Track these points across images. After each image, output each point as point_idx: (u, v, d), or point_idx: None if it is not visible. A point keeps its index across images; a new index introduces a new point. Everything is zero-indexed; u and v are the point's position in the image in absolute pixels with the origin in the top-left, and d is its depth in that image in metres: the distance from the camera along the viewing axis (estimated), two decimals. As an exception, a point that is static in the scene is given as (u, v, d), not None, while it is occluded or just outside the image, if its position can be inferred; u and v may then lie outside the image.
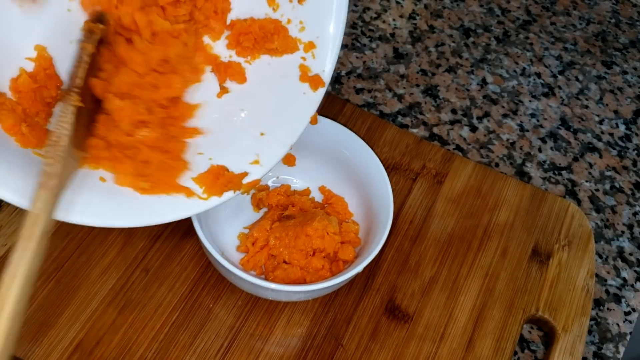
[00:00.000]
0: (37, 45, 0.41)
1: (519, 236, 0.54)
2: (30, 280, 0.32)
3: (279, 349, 0.46)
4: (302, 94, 0.43)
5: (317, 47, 0.43)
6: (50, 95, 0.41)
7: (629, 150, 0.64)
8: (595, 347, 0.51)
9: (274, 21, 0.44)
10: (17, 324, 0.32)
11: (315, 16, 0.43)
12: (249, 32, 0.44)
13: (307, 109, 0.44)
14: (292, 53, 0.44)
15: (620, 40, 0.74)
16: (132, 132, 0.39)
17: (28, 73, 0.40)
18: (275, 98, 0.44)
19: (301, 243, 0.46)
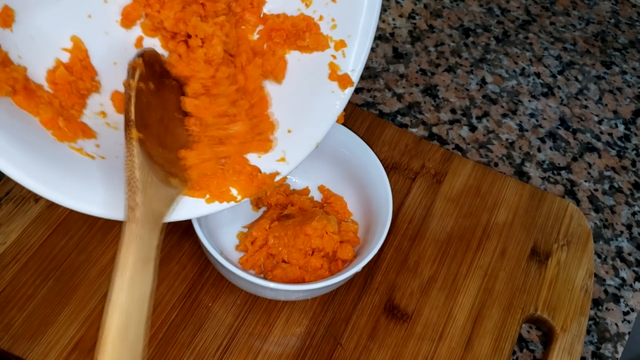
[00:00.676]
0: (73, 36, 0.40)
1: (518, 236, 0.54)
2: (136, 307, 0.32)
3: (278, 348, 0.46)
4: (330, 93, 0.43)
5: (348, 45, 0.43)
6: (85, 87, 0.40)
7: (628, 150, 0.64)
8: (593, 347, 0.51)
9: (306, 18, 0.43)
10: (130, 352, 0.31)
11: (347, 14, 0.43)
12: (281, 28, 0.43)
13: (334, 107, 0.43)
14: (323, 51, 0.44)
15: (620, 41, 0.75)
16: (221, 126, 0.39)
17: (64, 64, 0.39)
18: (303, 95, 0.44)
19: (300, 242, 0.46)
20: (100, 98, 0.41)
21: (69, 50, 0.40)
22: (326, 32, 0.44)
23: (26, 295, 0.45)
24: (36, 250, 0.48)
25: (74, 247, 0.48)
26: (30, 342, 0.44)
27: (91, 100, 0.41)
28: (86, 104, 0.41)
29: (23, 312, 0.45)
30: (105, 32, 0.41)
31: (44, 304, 0.45)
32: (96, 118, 0.41)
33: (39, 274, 0.46)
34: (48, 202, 0.49)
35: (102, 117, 0.41)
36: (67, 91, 0.39)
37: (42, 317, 0.45)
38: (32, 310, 0.45)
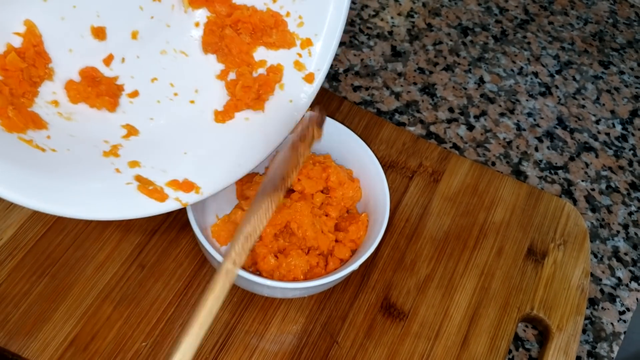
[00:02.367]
0: (26, 20, 0.38)
1: (515, 235, 0.54)
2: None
3: (274, 346, 0.46)
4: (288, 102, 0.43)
5: (314, 44, 0.43)
6: (37, 75, 0.39)
7: (625, 150, 0.64)
8: (589, 346, 0.51)
9: (274, 14, 0.43)
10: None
11: (314, 12, 0.42)
12: (248, 21, 0.43)
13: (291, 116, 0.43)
14: (289, 49, 0.43)
15: (618, 40, 0.75)
16: None
17: (16, 49, 0.38)
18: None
19: (295, 239, 0.46)
20: (53, 86, 0.40)
21: (21, 35, 0.38)
22: (293, 29, 0.43)
23: (22, 292, 0.45)
24: (32, 246, 0.47)
25: (70, 243, 0.48)
26: (27, 338, 0.44)
27: (43, 88, 0.39)
28: (38, 92, 0.39)
29: (19, 309, 0.45)
30: (61, 18, 0.39)
31: (40, 301, 0.45)
32: (48, 107, 0.39)
33: (35, 270, 0.46)
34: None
35: (54, 106, 0.40)
36: (18, 78, 0.37)
37: (38, 314, 0.45)
38: (28, 306, 0.45)
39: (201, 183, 0.40)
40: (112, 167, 0.39)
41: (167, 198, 0.39)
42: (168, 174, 0.40)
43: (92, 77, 0.42)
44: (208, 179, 0.41)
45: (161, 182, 0.40)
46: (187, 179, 0.40)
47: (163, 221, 0.50)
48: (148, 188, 0.39)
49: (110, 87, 0.42)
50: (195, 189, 0.40)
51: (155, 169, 0.40)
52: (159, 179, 0.40)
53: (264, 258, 0.45)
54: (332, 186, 0.48)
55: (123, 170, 0.40)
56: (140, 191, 0.39)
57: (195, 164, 0.41)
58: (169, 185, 0.40)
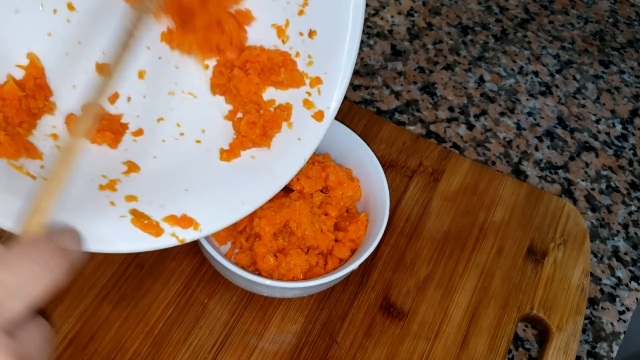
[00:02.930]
0: (29, 53, 0.39)
1: (515, 235, 0.54)
2: None
3: (274, 346, 0.46)
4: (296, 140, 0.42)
5: (324, 83, 0.42)
6: (36, 106, 0.39)
7: (625, 149, 0.64)
8: (589, 346, 0.51)
9: (283, 53, 0.42)
10: None
11: (324, 52, 0.42)
12: (257, 60, 0.42)
13: (300, 151, 0.42)
14: (298, 88, 0.43)
15: (618, 40, 0.74)
16: None
17: (16, 81, 0.38)
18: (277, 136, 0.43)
19: (295, 239, 0.46)
20: (54, 120, 0.40)
21: (23, 67, 0.39)
22: (302, 68, 0.42)
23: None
24: (31, 245, 0.47)
25: (69, 243, 0.48)
26: (25, 338, 0.44)
27: (43, 121, 0.39)
28: (36, 124, 0.39)
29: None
30: (65, 53, 0.40)
31: (38, 300, 0.45)
32: (46, 139, 0.39)
33: (34, 269, 0.46)
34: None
35: (53, 139, 0.40)
36: (15, 107, 0.38)
37: (36, 313, 0.45)
38: (27, 306, 0.45)
39: (201, 220, 0.39)
40: (107, 199, 0.38)
41: (162, 233, 0.38)
42: (166, 209, 0.39)
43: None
44: (209, 216, 0.40)
45: (157, 217, 0.38)
46: (186, 214, 0.39)
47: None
48: (143, 222, 0.38)
49: (114, 124, 0.41)
50: (194, 225, 0.39)
51: (153, 204, 0.39)
52: (156, 214, 0.39)
53: (263, 257, 0.45)
54: (331, 186, 0.48)
55: (118, 203, 0.39)
56: (134, 224, 0.38)
57: (196, 201, 0.40)
58: (165, 221, 0.39)
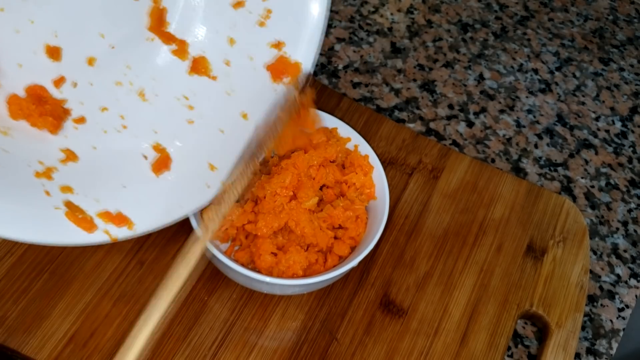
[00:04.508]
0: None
1: (514, 232, 0.54)
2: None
3: (274, 343, 0.46)
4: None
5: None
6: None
7: (625, 147, 0.64)
8: (588, 343, 0.51)
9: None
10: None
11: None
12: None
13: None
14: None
15: (618, 37, 0.74)
16: None
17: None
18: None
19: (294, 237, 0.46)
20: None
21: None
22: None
23: (21, 289, 0.45)
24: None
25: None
26: (26, 335, 0.44)
27: None
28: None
29: (18, 305, 0.45)
30: (16, 30, 0.38)
31: (39, 297, 0.45)
32: None
33: (34, 267, 0.46)
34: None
35: None
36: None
37: (37, 310, 0.45)
38: (27, 303, 0.45)
39: (136, 219, 0.39)
40: (42, 188, 0.38)
41: (95, 229, 0.38)
42: (101, 204, 0.39)
43: (39, 96, 0.40)
44: (144, 215, 0.39)
45: (92, 212, 0.38)
46: (121, 212, 0.39)
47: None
48: (77, 216, 0.38)
49: (56, 109, 0.41)
50: (128, 224, 0.39)
51: (88, 198, 0.39)
52: (90, 208, 0.38)
53: (263, 255, 0.45)
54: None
55: (53, 193, 0.38)
56: (67, 217, 0.37)
57: (133, 198, 0.40)
58: (99, 216, 0.38)
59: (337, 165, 0.49)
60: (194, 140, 0.43)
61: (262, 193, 0.45)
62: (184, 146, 0.43)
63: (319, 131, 0.48)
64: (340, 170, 0.49)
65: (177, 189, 0.41)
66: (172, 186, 0.41)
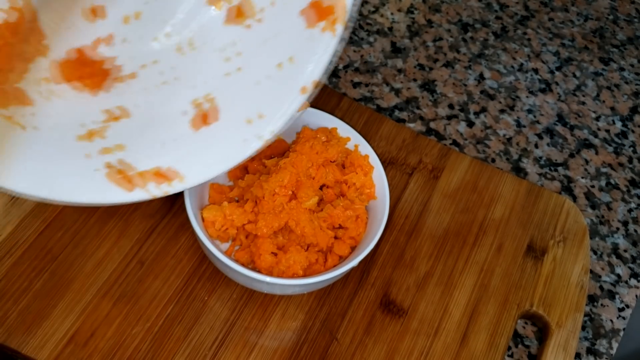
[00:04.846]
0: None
1: (515, 232, 0.54)
2: None
3: (274, 342, 0.46)
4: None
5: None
6: (29, 51, 0.38)
7: (625, 147, 0.64)
8: (588, 343, 0.51)
9: None
10: None
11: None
12: None
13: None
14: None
15: (618, 37, 0.74)
16: None
17: (8, 23, 0.36)
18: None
19: (294, 237, 0.46)
20: (43, 64, 0.39)
21: (15, 9, 0.37)
22: None
23: (21, 288, 0.45)
24: (31, 243, 0.47)
25: (69, 240, 0.48)
26: (26, 334, 0.44)
27: (36, 65, 0.38)
28: (28, 68, 0.38)
29: (18, 305, 0.45)
30: None
31: (39, 297, 0.45)
32: (39, 84, 0.38)
33: (35, 267, 0.46)
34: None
35: (46, 83, 0.39)
36: (8, 54, 0.36)
37: (37, 310, 0.45)
38: (28, 303, 0.45)
39: (184, 173, 0.39)
40: (84, 151, 0.38)
41: (135, 187, 0.38)
42: (142, 163, 0.39)
43: (82, 58, 0.41)
44: (191, 170, 0.39)
45: (133, 171, 0.38)
46: (160, 170, 0.39)
47: (162, 218, 0.50)
48: (117, 176, 0.38)
49: (99, 69, 0.41)
50: (178, 177, 0.39)
51: (129, 157, 0.39)
52: (131, 168, 0.38)
53: (263, 255, 0.45)
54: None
55: (97, 155, 0.38)
56: (108, 178, 0.37)
57: (172, 156, 0.40)
58: (140, 175, 0.38)
59: (337, 165, 0.49)
60: (235, 92, 0.42)
61: (261, 193, 0.45)
62: (225, 98, 0.42)
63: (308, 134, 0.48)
64: (341, 170, 0.49)
65: (222, 141, 0.41)
66: (216, 139, 0.41)
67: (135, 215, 0.50)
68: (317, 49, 0.39)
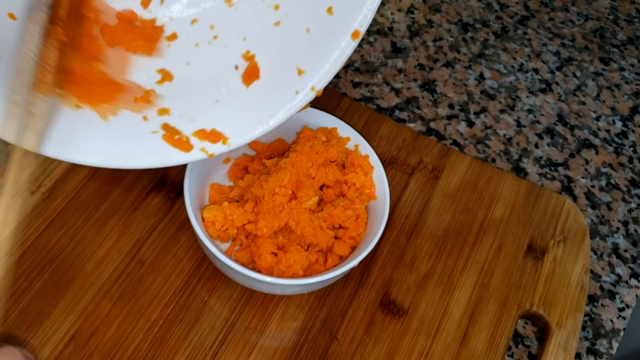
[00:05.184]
0: None
1: (515, 232, 0.54)
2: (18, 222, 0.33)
3: (274, 342, 0.46)
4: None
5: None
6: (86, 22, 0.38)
7: (625, 147, 0.64)
8: (588, 343, 0.51)
9: None
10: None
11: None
12: None
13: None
14: None
15: (618, 37, 0.74)
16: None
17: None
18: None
19: (295, 237, 0.46)
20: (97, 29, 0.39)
21: None
22: None
23: (22, 288, 0.45)
24: (32, 243, 0.47)
25: (69, 240, 0.48)
26: (26, 334, 0.44)
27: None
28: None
29: (19, 305, 0.45)
30: None
31: (39, 297, 0.45)
32: None
33: (35, 266, 0.46)
34: (44, 194, 0.49)
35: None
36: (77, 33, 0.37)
37: (37, 310, 0.45)
38: (28, 302, 0.45)
39: (229, 133, 0.39)
40: (141, 115, 0.38)
41: (192, 148, 0.38)
42: (196, 123, 0.39)
43: (130, 20, 0.41)
44: (237, 129, 0.39)
45: (188, 132, 0.38)
46: (215, 129, 0.39)
47: (162, 217, 0.50)
48: (174, 137, 0.38)
49: (148, 30, 0.41)
50: (222, 139, 0.39)
51: (184, 118, 0.39)
52: (187, 128, 0.39)
53: (263, 255, 0.45)
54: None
55: (151, 118, 0.38)
56: (165, 140, 0.38)
57: (226, 113, 0.40)
58: (195, 135, 0.38)
59: (337, 165, 0.49)
60: (282, 44, 0.42)
61: (261, 192, 0.45)
62: (272, 51, 0.42)
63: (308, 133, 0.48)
64: (341, 170, 0.49)
65: (268, 98, 0.40)
66: (262, 95, 0.41)
67: (135, 215, 0.50)
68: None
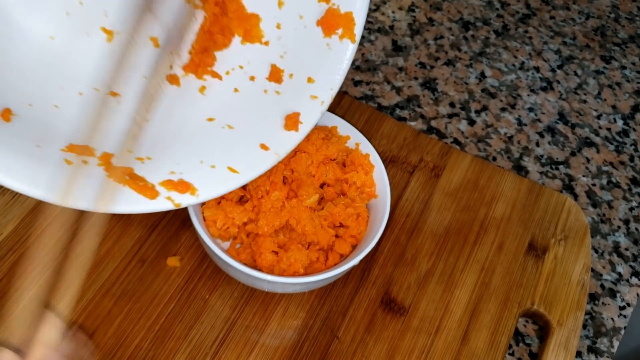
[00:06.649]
0: None
1: (516, 230, 0.54)
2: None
3: (275, 341, 0.46)
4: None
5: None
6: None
7: (626, 145, 0.64)
8: (589, 341, 0.51)
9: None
10: None
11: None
12: None
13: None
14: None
15: (620, 35, 0.74)
16: None
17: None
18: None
19: (295, 235, 0.46)
20: None
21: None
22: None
23: (22, 287, 0.45)
24: (33, 241, 0.47)
25: (70, 239, 0.48)
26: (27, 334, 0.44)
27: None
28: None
29: (19, 305, 0.45)
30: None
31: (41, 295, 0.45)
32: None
33: (36, 265, 0.46)
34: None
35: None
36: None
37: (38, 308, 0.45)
38: (29, 300, 0.45)
39: (199, 185, 0.40)
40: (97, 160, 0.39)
41: (157, 196, 0.39)
42: (164, 173, 0.39)
43: None
44: (207, 182, 0.40)
45: (155, 180, 0.39)
46: (183, 179, 0.39)
47: (163, 216, 0.50)
48: (138, 184, 0.38)
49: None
50: (191, 190, 0.39)
51: (150, 166, 0.39)
52: (153, 177, 0.39)
53: (264, 253, 0.45)
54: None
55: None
56: (130, 186, 0.38)
57: (196, 165, 0.40)
58: (162, 185, 0.39)
59: (338, 164, 0.49)
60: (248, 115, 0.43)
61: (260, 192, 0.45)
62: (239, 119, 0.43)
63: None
64: (341, 168, 0.49)
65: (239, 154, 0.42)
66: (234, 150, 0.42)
67: (136, 214, 0.50)
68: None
